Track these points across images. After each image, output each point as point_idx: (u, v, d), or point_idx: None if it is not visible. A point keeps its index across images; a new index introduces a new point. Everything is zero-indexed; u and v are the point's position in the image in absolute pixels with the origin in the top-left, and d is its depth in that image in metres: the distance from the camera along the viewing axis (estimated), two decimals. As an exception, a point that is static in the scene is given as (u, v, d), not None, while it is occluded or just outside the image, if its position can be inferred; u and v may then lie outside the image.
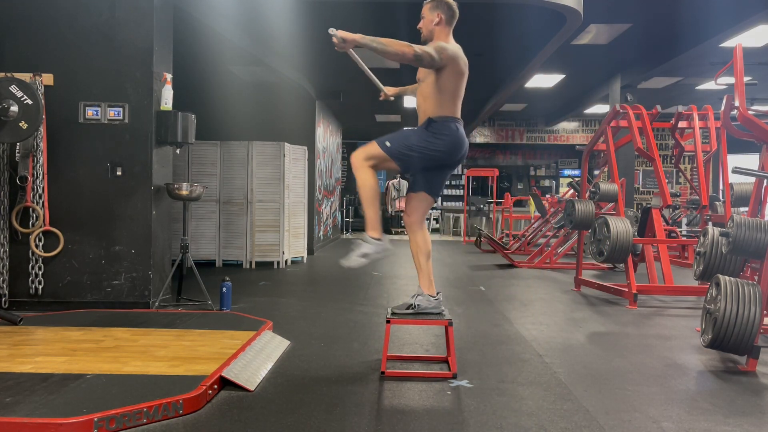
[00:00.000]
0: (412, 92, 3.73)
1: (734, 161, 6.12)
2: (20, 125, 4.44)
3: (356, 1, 5.83)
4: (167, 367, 3.17)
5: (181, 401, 2.68)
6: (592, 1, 6.21)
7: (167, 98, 5.03)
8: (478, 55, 7.06)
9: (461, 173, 17.06)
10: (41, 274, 4.86)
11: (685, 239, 8.13)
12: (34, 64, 4.83)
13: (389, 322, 3.38)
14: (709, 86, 10.98)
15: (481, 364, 3.63)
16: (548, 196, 11.96)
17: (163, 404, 2.63)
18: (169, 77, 5.08)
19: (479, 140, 16.58)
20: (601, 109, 13.49)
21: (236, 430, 2.55)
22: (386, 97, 3.88)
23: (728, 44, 7.72)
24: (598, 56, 9.04)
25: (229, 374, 3.05)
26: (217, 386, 2.96)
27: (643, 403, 2.98)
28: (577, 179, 9.99)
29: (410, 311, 3.42)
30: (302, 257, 8.99)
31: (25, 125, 4.45)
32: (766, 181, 4.15)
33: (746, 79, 4.32)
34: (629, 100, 9.73)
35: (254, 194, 8.12)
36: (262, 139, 8.39)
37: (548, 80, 10.86)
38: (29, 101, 4.45)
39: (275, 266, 8.16)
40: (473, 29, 6.62)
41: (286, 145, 8.22)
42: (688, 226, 10.49)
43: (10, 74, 4.56)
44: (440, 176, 3.48)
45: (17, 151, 4.73)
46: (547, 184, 17.72)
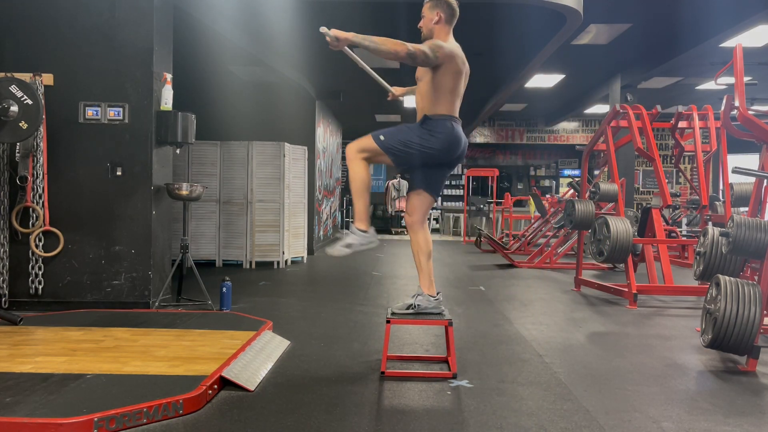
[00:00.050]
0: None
1: (734, 161, 6.11)
2: (20, 125, 4.44)
3: (356, 1, 5.83)
4: (167, 367, 3.17)
5: (181, 401, 2.69)
6: (592, 1, 6.21)
7: (167, 98, 5.03)
8: (477, 54, 7.05)
9: (461, 173, 17.06)
10: (41, 274, 4.86)
11: (685, 239, 8.13)
12: (34, 64, 4.83)
13: (389, 322, 3.38)
14: (709, 86, 10.98)
15: (481, 364, 3.63)
16: (548, 196, 11.95)
17: (163, 404, 2.63)
18: (169, 77, 5.08)
19: (479, 140, 16.58)
20: (601, 109, 13.49)
21: (236, 430, 2.55)
22: (394, 97, 3.87)
23: (728, 44, 7.72)
24: (598, 56, 9.04)
25: (229, 374, 3.05)
26: (217, 386, 2.96)
27: (643, 403, 2.98)
28: (577, 179, 9.98)
29: (410, 311, 3.42)
30: (302, 257, 8.99)
31: (25, 125, 4.45)
32: (766, 181, 4.15)
33: (746, 79, 4.32)
34: (629, 100, 9.73)
35: (254, 194, 8.12)
36: (262, 139, 8.38)
37: (548, 80, 10.85)
38: (29, 101, 4.45)
39: (275, 266, 8.16)
40: (473, 29, 6.61)
41: (286, 145, 8.22)
42: (688, 226, 10.49)
43: (10, 74, 4.56)
44: (438, 174, 3.48)
45: (17, 151, 4.73)
46: (547, 184, 17.72)
